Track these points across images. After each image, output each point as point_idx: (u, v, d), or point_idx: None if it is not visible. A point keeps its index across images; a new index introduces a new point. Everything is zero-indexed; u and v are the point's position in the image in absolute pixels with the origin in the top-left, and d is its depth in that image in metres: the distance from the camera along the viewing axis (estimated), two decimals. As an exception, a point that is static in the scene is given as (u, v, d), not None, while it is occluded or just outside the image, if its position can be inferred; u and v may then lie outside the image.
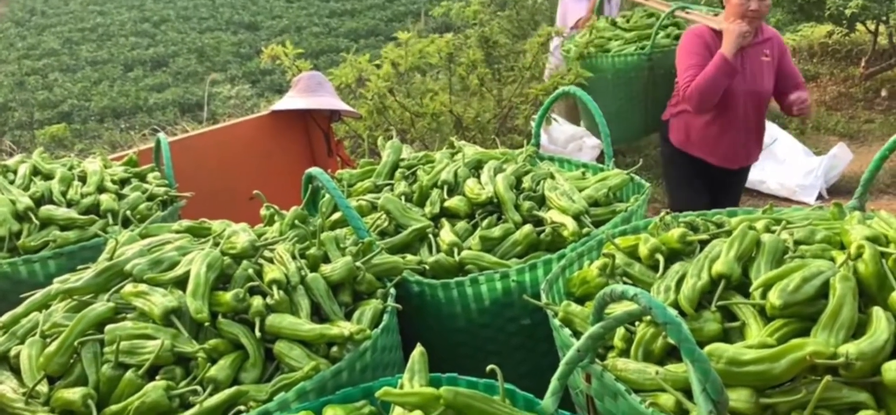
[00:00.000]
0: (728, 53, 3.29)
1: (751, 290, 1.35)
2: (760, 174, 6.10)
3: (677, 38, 4.27)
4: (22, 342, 1.66)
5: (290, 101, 3.71)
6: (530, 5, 8.82)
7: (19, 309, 1.78)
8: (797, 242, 1.49)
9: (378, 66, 4.61)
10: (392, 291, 1.77)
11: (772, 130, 6.43)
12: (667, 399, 1.23)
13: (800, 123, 7.25)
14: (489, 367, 1.34)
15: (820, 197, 5.80)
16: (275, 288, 1.61)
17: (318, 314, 1.66)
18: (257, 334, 1.53)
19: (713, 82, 3.36)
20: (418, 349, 1.42)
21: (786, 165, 6.08)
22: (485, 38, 5.00)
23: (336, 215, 2.16)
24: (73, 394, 1.45)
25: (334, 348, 1.55)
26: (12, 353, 1.65)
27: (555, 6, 9.18)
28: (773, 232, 1.51)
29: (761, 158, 6.10)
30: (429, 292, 1.84)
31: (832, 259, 1.41)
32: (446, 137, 4.70)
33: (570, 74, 4.44)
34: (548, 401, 1.29)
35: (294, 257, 1.74)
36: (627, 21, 4.91)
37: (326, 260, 1.82)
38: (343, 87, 4.78)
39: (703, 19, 3.77)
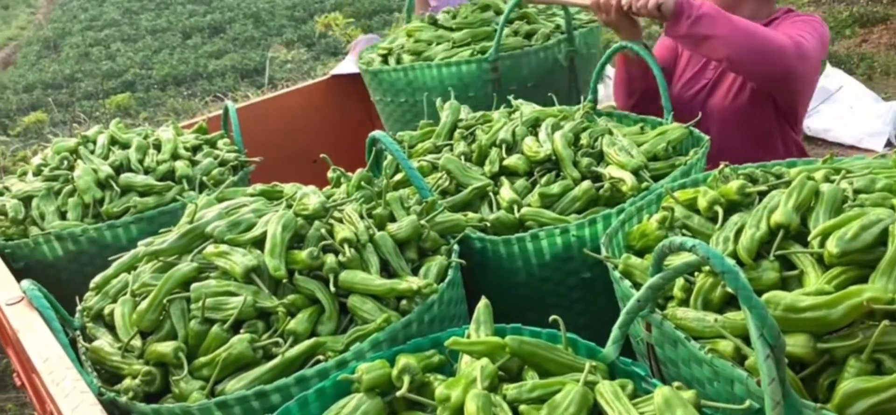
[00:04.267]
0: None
1: (809, 239, 1.38)
2: (824, 123, 5.96)
3: (529, 36, 2.92)
4: (114, 301, 1.79)
5: (349, 65, 3.79)
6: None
7: (109, 271, 1.91)
8: (857, 191, 1.49)
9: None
10: (455, 247, 1.84)
11: (836, 76, 6.26)
12: (726, 346, 1.28)
13: (867, 68, 7.02)
14: (552, 317, 1.40)
15: (889, 144, 5.64)
16: (346, 246, 1.70)
17: (386, 270, 1.74)
18: (332, 288, 1.62)
19: None
20: (483, 301, 1.49)
21: (853, 111, 5.92)
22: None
23: (399, 176, 2.23)
24: (166, 347, 1.57)
25: (403, 302, 1.63)
26: (106, 311, 1.78)
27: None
28: (832, 182, 1.52)
29: (824, 107, 5.99)
30: (490, 248, 1.90)
31: (892, 207, 1.42)
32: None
33: None
34: (609, 349, 1.35)
35: (362, 217, 1.83)
36: (453, 17, 3.17)
37: (392, 219, 1.90)
38: (398, 49, 4.84)
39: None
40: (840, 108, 5.94)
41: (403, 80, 2.92)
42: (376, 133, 2.05)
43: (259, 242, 1.73)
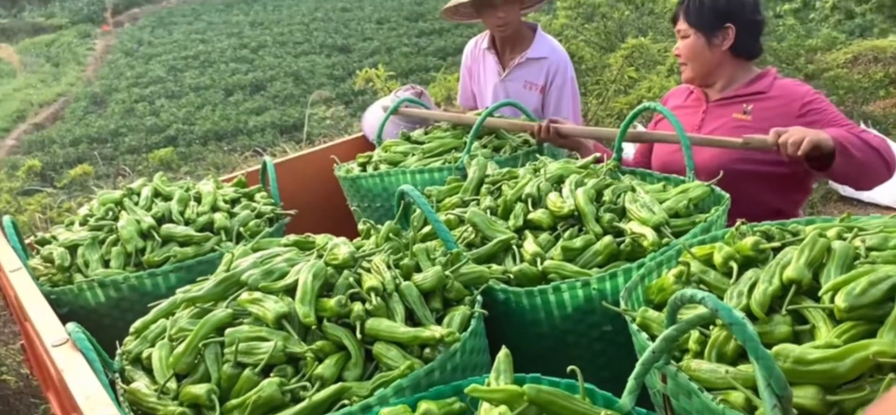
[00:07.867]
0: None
1: (820, 294, 1.41)
2: (859, 182, 5.91)
3: (497, 149, 3.15)
4: (152, 345, 1.88)
5: (376, 110, 3.91)
6: (617, 18, 8.82)
7: (148, 316, 1.99)
8: (869, 249, 1.53)
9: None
10: (479, 298, 1.90)
11: (870, 136, 6.22)
12: (737, 397, 1.31)
13: (902, 128, 6.97)
14: (570, 367, 1.44)
15: (924, 205, 5.58)
16: (373, 295, 1.77)
17: (411, 319, 1.80)
18: (358, 336, 1.69)
19: None
20: (503, 351, 1.54)
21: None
22: (570, 53, 5.08)
23: (426, 229, 2.30)
24: (199, 390, 1.64)
25: (427, 350, 1.69)
26: (144, 354, 1.87)
27: (642, 18, 9.07)
28: (844, 239, 1.56)
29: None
30: (513, 300, 1.96)
31: (905, 265, 1.45)
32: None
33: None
34: (625, 399, 1.38)
35: (389, 267, 1.90)
36: (425, 133, 3.42)
37: (418, 270, 1.97)
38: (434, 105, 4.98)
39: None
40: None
41: (380, 185, 3.06)
42: (405, 187, 2.13)
43: (291, 290, 1.81)
